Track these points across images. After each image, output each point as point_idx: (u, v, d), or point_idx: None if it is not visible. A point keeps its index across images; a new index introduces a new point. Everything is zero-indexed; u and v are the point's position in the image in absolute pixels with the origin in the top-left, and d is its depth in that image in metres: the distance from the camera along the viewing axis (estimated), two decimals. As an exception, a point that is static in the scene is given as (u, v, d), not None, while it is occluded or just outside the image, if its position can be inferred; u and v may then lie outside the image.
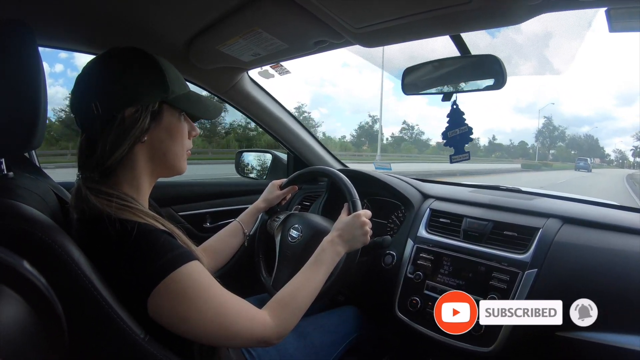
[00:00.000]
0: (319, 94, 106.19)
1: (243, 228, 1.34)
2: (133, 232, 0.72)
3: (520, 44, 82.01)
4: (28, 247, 0.61)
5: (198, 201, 1.92)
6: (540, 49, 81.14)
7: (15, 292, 0.46)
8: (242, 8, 1.11)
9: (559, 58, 10.78)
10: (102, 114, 0.78)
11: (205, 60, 1.49)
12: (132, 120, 0.80)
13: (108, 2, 1.10)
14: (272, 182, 1.45)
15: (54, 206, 0.87)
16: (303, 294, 0.95)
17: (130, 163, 0.83)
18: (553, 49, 74.69)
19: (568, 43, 38.55)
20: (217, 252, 1.27)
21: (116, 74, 0.81)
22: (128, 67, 0.82)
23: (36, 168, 1.11)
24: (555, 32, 68.31)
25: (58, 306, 0.50)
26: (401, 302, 1.37)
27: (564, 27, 59.16)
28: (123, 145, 0.79)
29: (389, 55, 2.03)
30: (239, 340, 0.81)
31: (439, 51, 1.23)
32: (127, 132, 0.79)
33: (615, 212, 1.36)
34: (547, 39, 78.56)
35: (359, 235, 1.11)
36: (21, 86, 0.73)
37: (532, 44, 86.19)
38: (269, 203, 1.42)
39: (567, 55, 68.59)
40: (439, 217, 1.49)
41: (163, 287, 0.70)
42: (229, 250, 1.30)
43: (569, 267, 1.16)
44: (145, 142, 0.83)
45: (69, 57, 65.01)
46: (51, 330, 0.50)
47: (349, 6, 0.99)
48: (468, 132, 1.22)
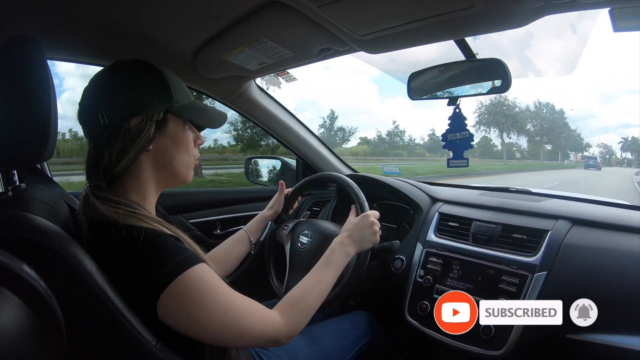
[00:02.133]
0: (303, 100, 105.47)
1: (249, 236, 1.34)
2: (140, 237, 0.73)
3: (524, 47, 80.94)
4: (40, 258, 0.62)
5: (208, 208, 1.93)
6: (545, 51, 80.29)
7: (14, 295, 0.47)
8: (247, 18, 1.13)
9: (564, 59, 10.71)
10: (108, 124, 0.80)
11: (212, 70, 1.51)
12: (137, 130, 0.81)
13: (115, 15, 1.12)
14: (278, 191, 1.46)
15: (66, 216, 0.89)
16: (313, 294, 0.96)
17: (136, 171, 0.85)
18: (558, 51, 73.86)
19: (573, 44, 38.38)
20: (224, 260, 1.27)
21: (121, 86, 0.83)
22: (132, 78, 0.84)
23: (47, 178, 1.13)
24: (559, 34, 67.58)
25: (57, 311, 0.50)
26: (411, 306, 1.37)
27: (569, 28, 57.78)
28: (129, 154, 0.81)
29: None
30: (249, 340, 0.82)
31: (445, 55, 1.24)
32: (133, 142, 0.81)
33: (626, 212, 1.34)
34: (551, 40, 77.72)
35: (369, 235, 1.12)
36: (32, 100, 0.74)
37: (537, 46, 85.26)
38: (275, 211, 1.42)
39: (573, 56, 67.04)
40: (448, 220, 1.48)
41: (172, 290, 0.71)
42: (236, 258, 1.31)
43: (579, 269, 1.15)
44: (151, 150, 0.85)
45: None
46: (50, 334, 0.51)
47: (352, 14, 1.00)
48: (469, 138, 1.22)
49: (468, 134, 1.22)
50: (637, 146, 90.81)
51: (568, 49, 66.93)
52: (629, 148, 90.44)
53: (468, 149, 1.23)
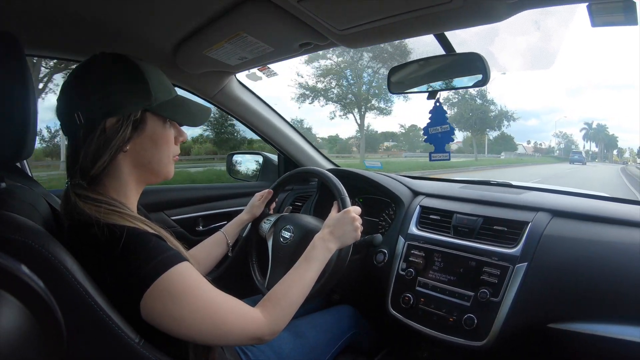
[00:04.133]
0: (268, 95, 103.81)
1: (227, 239, 1.33)
2: (122, 236, 0.72)
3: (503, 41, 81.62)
4: (21, 256, 0.61)
5: (190, 205, 1.92)
6: (525, 45, 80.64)
7: (14, 297, 0.46)
8: (227, 13, 1.11)
9: (543, 53, 10.85)
10: (84, 123, 0.78)
11: (192, 65, 1.49)
12: (113, 130, 0.79)
13: (94, 10, 1.10)
14: (255, 194, 1.45)
15: (46, 214, 0.87)
16: (295, 290, 0.96)
17: (115, 171, 0.83)
18: (537, 45, 74.17)
19: (552, 38, 38.48)
20: (199, 261, 1.25)
21: (97, 83, 0.80)
22: (109, 76, 0.81)
23: (28, 177, 1.11)
24: (539, 28, 67.84)
25: (57, 311, 0.50)
26: (394, 299, 1.39)
27: (547, 23, 57.61)
28: (104, 156, 0.79)
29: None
30: (232, 338, 0.82)
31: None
32: (108, 143, 0.79)
33: (606, 204, 1.37)
34: (530, 34, 77.98)
35: (350, 231, 1.12)
36: (10, 97, 0.73)
37: (517, 41, 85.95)
38: (252, 215, 1.41)
39: (552, 50, 67.51)
40: (429, 213, 1.50)
41: (155, 290, 0.71)
42: (212, 259, 1.30)
43: (559, 259, 1.17)
44: (128, 151, 0.83)
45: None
46: (50, 335, 0.50)
47: (332, 9, 1.00)
48: (450, 131, 1.23)
49: (449, 128, 1.23)
50: (603, 135, 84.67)
51: (546, 44, 67.41)
52: (593, 137, 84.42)
53: (449, 142, 1.24)
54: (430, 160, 1.29)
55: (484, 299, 1.19)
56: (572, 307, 1.11)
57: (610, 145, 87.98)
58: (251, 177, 2.39)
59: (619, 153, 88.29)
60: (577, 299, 1.11)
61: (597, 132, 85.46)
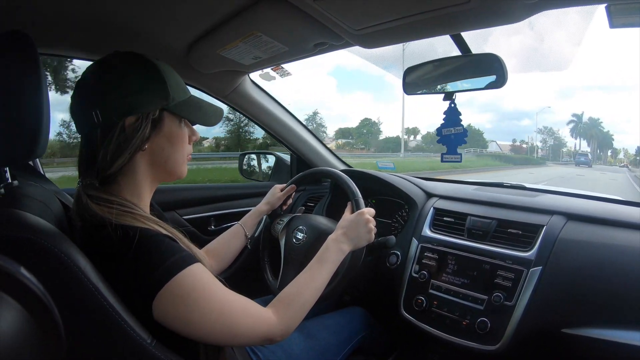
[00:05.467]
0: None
1: (245, 231, 1.33)
2: (135, 237, 0.72)
3: (522, 42, 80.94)
4: (33, 255, 0.62)
5: (202, 205, 1.92)
6: (542, 47, 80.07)
7: (13, 299, 0.46)
8: (241, 12, 1.11)
9: (560, 54, 10.77)
10: (102, 122, 0.78)
11: (205, 65, 1.49)
12: (132, 129, 0.79)
13: (108, 10, 1.11)
14: (274, 186, 1.45)
15: (59, 213, 0.87)
16: (307, 292, 0.95)
17: (131, 170, 0.83)
18: (554, 46, 73.47)
19: (569, 39, 38.13)
20: (220, 254, 1.27)
21: (116, 82, 0.80)
22: (128, 74, 0.81)
23: (40, 175, 1.12)
24: (556, 29, 66.94)
25: (56, 313, 0.50)
26: (406, 301, 1.38)
27: (566, 23, 57.75)
28: (124, 155, 0.79)
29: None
30: (243, 339, 0.82)
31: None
32: (128, 142, 0.79)
33: (620, 208, 1.35)
34: (548, 36, 77.37)
35: (364, 233, 1.11)
36: (24, 95, 0.73)
37: (534, 42, 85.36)
38: (271, 206, 1.41)
39: (569, 51, 66.98)
40: (443, 215, 1.49)
41: (167, 291, 0.71)
42: (231, 252, 1.30)
43: (573, 264, 1.15)
44: (146, 150, 0.83)
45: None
46: (48, 337, 0.50)
47: (348, 8, 0.99)
48: (463, 133, 1.22)
49: (462, 129, 1.22)
50: (596, 131, 74.67)
51: (563, 46, 66.87)
52: (584, 133, 74.35)
53: (461, 144, 1.23)
54: (442, 161, 1.28)
55: (498, 303, 1.17)
56: (587, 312, 1.09)
57: (605, 144, 79.45)
58: (263, 178, 2.39)
59: (614, 154, 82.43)
60: (592, 304, 1.09)
61: (589, 127, 75.55)
